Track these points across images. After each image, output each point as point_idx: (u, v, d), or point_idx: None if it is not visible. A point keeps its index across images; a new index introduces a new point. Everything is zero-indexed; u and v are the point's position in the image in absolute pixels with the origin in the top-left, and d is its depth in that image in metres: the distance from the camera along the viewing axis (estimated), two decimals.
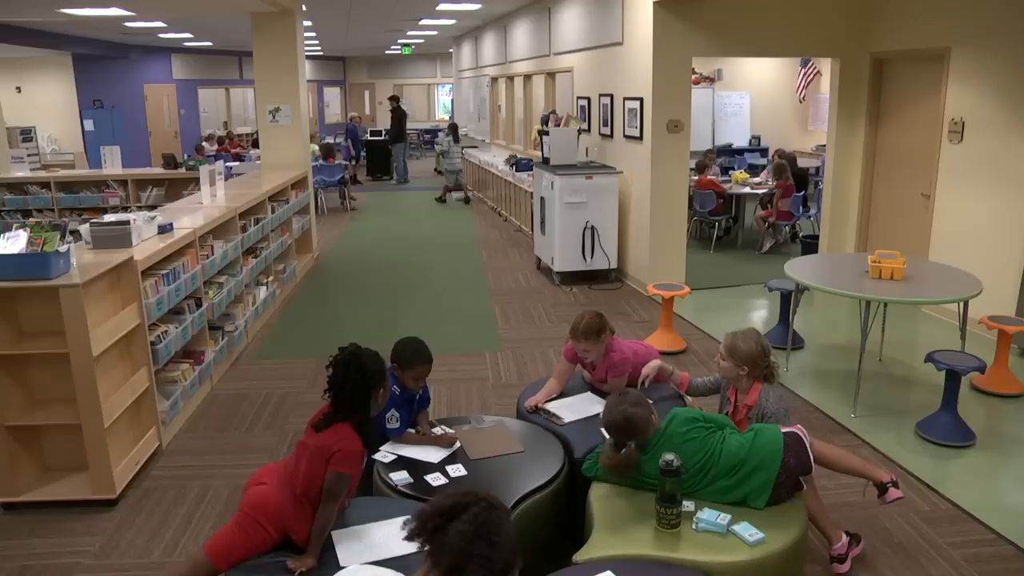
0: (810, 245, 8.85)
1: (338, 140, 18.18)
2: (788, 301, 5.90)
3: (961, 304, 4.90)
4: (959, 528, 3.62)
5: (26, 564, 3.46)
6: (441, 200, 14.57)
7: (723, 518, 2.72)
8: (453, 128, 15.09)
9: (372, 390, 2.75)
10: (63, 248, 3.76)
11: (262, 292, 6.95)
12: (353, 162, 17.71)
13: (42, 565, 3.45)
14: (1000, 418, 4.81)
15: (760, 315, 7.10)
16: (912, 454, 4.32)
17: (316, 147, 15.12)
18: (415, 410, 3.59)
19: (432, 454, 3.31)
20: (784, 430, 2.94)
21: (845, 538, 3.28)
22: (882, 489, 3.15)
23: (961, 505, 3.80)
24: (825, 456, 3.03)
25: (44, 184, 9.70)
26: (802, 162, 11.13)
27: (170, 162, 10.16)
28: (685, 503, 2.79)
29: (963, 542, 3.51)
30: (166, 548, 3.57)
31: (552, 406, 3.77)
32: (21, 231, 3.80)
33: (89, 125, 17.72)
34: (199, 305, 5.19)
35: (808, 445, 2.94)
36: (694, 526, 2.73)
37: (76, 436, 3.85)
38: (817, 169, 11.45)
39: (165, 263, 4.71)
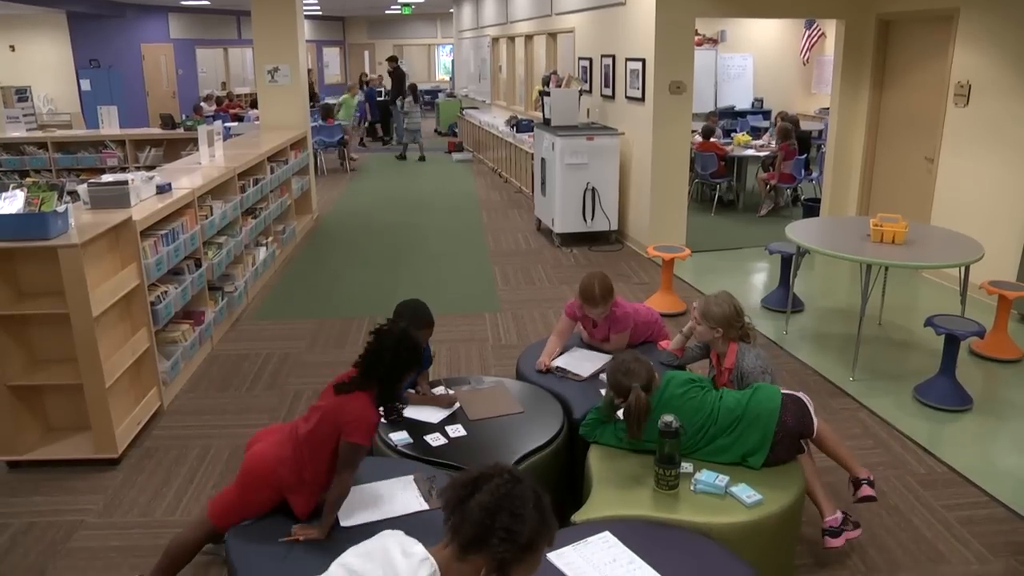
0: (811, 208, 8.81)
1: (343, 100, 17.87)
2: (788, 264, 5.89)
3: (962, 269, 4.90)
4: (954, 491, 3.65)
5: (32, 521, 3.50)
6: (401, 158, 15.07)
7: (721, 480, 2.74)
8: (413, 88, 15.40)
9: (407, 371, 2.71)
10: (61, 208, 3.74)
11: (262, 253, 6.94)
12: (378, 125, 17.38)
13: (47, 522, 3.49)
14: (998, 383, 4.83)
15: (760, 278, 7.10)
16: (909, 418, 4.35)
17: (354, 99, 15.05)
18: (416, 371, 3.60)
19: (432, 414, 3.32)
20: (785, 391, 2.95)
21: (839, 513, 3.30)
22: (856, 484, 3.13)
23: (956, 468, 3.83)
24: (821, 432, 3.02)
25: (41, 145, 9.63)
26: (805, 125, 11.04)
27: (168, 122, 10.07)
28: (684, 464, 2.81)
29: (957, 504, 3.55)
30: (168, 507, 3.61)
31: (565, 364, 3.78)
32: (18, 191, 3.77)
33: (86, 85, 17.53)
34: (198, 266, 5.18)
35: (811, 410, 2.95)
36: (692, 487, 2.75)
37: (78, 396, 3.87)
38: (820, 132, 11.36)
39: (164, 223, 4.69)
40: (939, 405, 4.44)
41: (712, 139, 10.13)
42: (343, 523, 2.57)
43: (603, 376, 3.58)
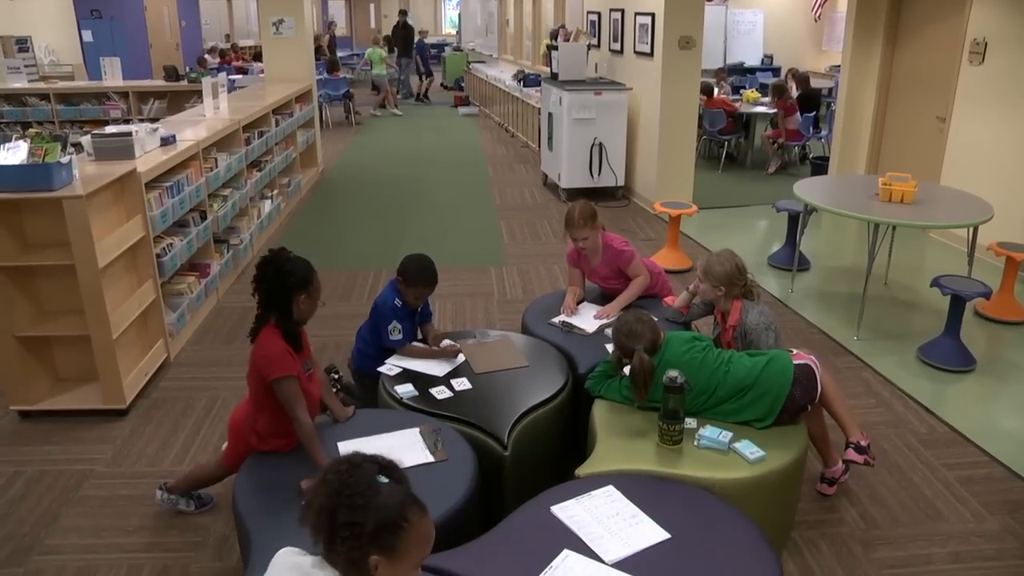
0: (820, 167, 8.75)
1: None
2: (796, 222, 5.86)
3: (970, 229, 4.87)
4: (954, 450, 3.68)
5: (44, 469, 3.56)
6: (382, 107, 15.19)
7: (725, 436, 2.76)
8: (388, 40, 15.84)
9: (292, 293, 2.70)
10: (65, 159, 3.72)
11: (267, 206, 6.92)
12: (427, 79, 17.09)
13: (58, 471, 3.54)
14: (1001, 344, 4.83)
15: (767, 236, 7.07)
16: (912, 377, 4.36)
17: (382, 51, 14.83)
18: (416, 323, 3.61)
19: (437, 367, 3.34)
20: (797, 361, 2.93)
21: (842, 465, 3.34)
22: (847, 444, 3.12)
23: (957, 428, 3.85)
24: (826, 391, 3.02)
25: (43, 96, 9.55)
26: (815, 83, 10.90)
27: (172, 74, 9.97)
28: (687, 420, 2.82)
29: (957, 464, 3.58)
30: (176, 457, 3.65)
31: (573, 320, 3.80)
32: (21, 142, 3.75)
33: (88, 36, 17.29)
34: (204, 218, 5.17)
35: (819, 378, 2.95)
36: (696, 443, 2.77)
37: (86, 347, 3.89)
38: (830, 90, 11.23)
39: (169, 175, 4.67)
40: (942, 365, 4.45)
41: (719, 95, 10.01)
42: None
43: (608, 332, 3.59)
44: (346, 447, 2.73)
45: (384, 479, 1.48)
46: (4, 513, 3.26)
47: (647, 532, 2.30)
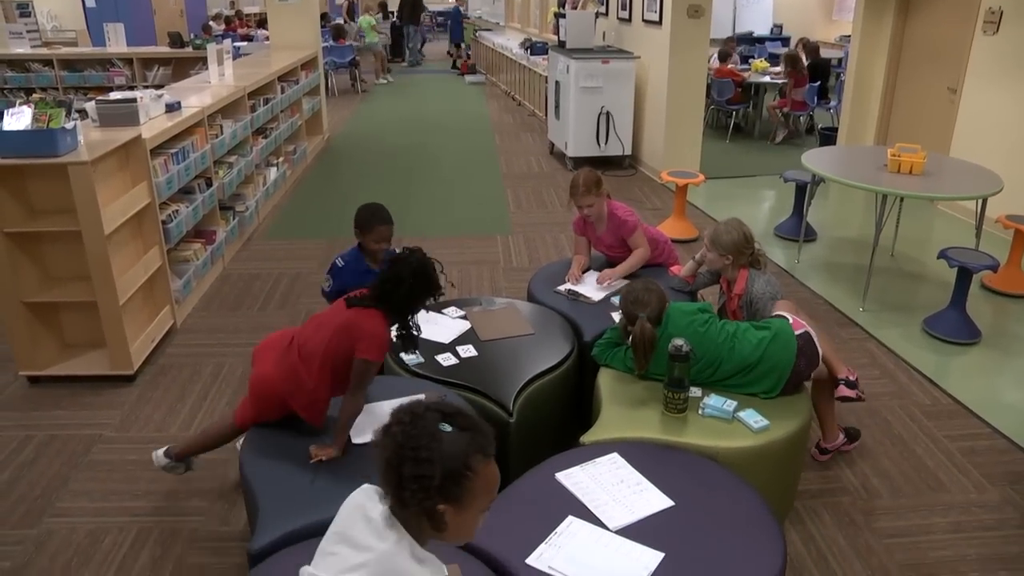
0: (828, 137, 8.68)
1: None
2: (803, 192, 5.83)
3: (979, 201, 4.84)
4: (957, 422, 3.69)
5: (53, 434, 3.59)
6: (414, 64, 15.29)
7: (729, 404, 2.76)
8: (381, 7, 16.03)
9: (422, 300, 2.69)
10: (69, 125, 3.70)
11: (272, 173, 6.90)
12: (458, 48, 16.85)
13: (67, 435, 3.58)
14: (1007, 318, 4.82)
15: (774, 206, 7.04)
16: (917, 349, 4.36)
17: (372, 19, 14.78)
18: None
19: (443, 334, 3.34)
20: (797, 331, 2.93)
21: (842, 438, 3.36)
22: (835, 383, 3.15)
23: (961, 400, 3.86)
24: (821, 347, 3.04)
25: (46, 62, 9.48)
26: (825, 53, 10.79)
27: (176, 41, 9.88)
28: (692, 389, 2.83)
29: (960, 435, 3.59)
30: (183, 423, 3.68)
31: (579, 288, 3.80)
32: (25, 107, 3.73)
33: (90, 2, 17.14)
34: (209, 185, 5.16)
35: (817, 342, 2.95)
36: (700, 412, 2.78)
37: (93, 313, 3.91)
38: (840, 60, 11.10)
39: (174, 142, 4.65)
40: (947, 338, 4.44)
41: (729, 64, 9.92)
42: (355, 440, 2.61)
43: (615, 300, 3.59)
44: None
45: (448, 427, 1.47)
46: (16, 476, 3.30)
47: (651, 499, 2.32)
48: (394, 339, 2.74)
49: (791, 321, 2.98)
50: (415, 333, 2.74)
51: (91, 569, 2.79)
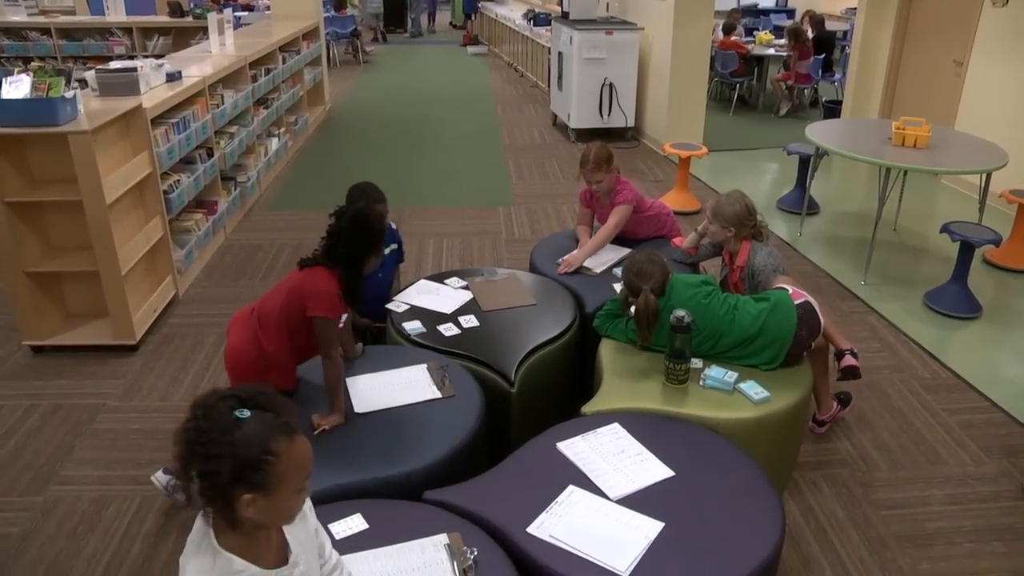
0: (832, 110, 8.63)
1: None
2: (806, 165, 5.81)
3: (983, 176, 4.82)
4: (956, 396, 3.71)
5: (58, 403, 3.62)
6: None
7: (730, 376, 2.77)
8: None
9: (368, 251, 2.67)
10: (69, 94, 3.68)
11: (274, 143, 6.88)
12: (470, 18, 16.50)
13: (71, 404, 3.60)
14: (1008, 292, 4.82)
15: (777, 179, 7.02)
16: (918, 323, 4.37)
17: None
18: (392, 265, 3.61)
19: (445, 304, 3.35)
20: (797, 301, 2.93)
21: (836, 407, 3.39)
22: (840, 356, 3.22)
23: (960, 374, 3.87)
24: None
25: (44, 30, 9.40)
26: (830, 25, 10.68)
27: (176, 10, 9.78)
28: (693, 360, 2.84)
29: (959, 409, 3.61)
30: (186, 393, 3.70)
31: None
32: (24, 76, 3.70)
33: None
34: (210, 155, 5.15)
35: (818, 312, 2.96)
36: (701, 383, 2.79)
37: (95, 283, 3.91)
38: (845, 33, 11.00)
39: (175, 112, 4.63)
40: (948, 312, 4.45)
41: (733, 36, 9.83)
42: (358, 410, 2.63)
43: (617, 271, 3.59)
44: (354, 383, 2.77)
45: (245, 413, 1.39)
46: (22, 444, 3.33)
47: (651, 469, 2.34)
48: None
49: (791, 292, 2.98)
50: (359, 288, 2.71)
51: (96, 536, 2.82)
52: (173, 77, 4.83)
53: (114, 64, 4.57)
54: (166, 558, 2.72)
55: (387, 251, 3.56)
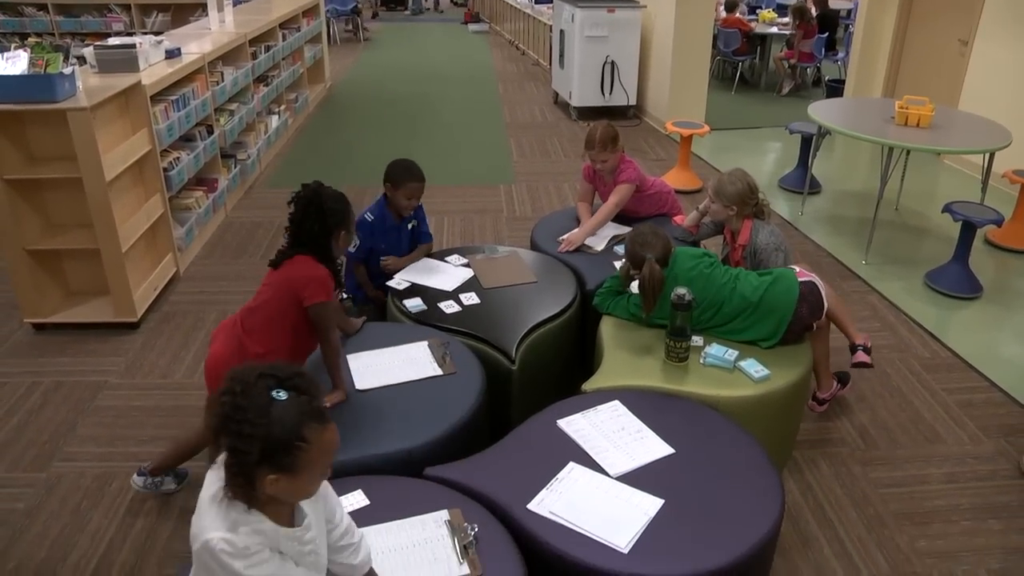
0: (835, 89, 8.59)
1: None
2: (808, 144, 5.79)
3: (986, 156, 4.80)
4: (956, 375, 3.71)
5: (60, 380, 3.63)
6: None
7: (730, 354, 2.78)
8: None
9: (334, 229, 2.62)
10: (67, 70, 3.66)
11: (274, 121, 6.85)
12: None
13: (73, 382, 3.61)
14: (1009, 273, 4.82)
15: (779, 158, 6.99)
16: (918, 302, 4.37)
17: None
18: (408, 240, 3.60)
19: (446, 282, 3.35)
20: (802, 279, 2.94)
21: (836, 386, 3.39)
22: (853, 350, 3.23)
23: (960, 354, 3.88)
24: (830, 304, 3.06)
25: (41, 6, 9.32)
26: (834, 3, 10.59)
27: None
28: (694, 338, 2.84)
29: (958, 388, 3.61)
30: (187, 370, 3.71)
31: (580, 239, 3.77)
32: (21, 51, 3.67)
33: None
34: (210, 132, 5.13)
35: (824, 295, 2.96)
36: (702, 360, 2.79)
37: (96, 261, 3.91)
38: (849, 12, 10.91)
39: (174, 89, 4.60)
40: (949, 292, 4.45)
41: (736, 14, 9.76)
42: (359, 386, 2.63)
43: (617, 248, 3.59)
44: (355, 360, 2.77)
45: (282, 394, 1.39)
46: (25, 421, 3.34)
47: (651, 447, 2.35)
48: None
49: (797, 271, 2.98)
50: (337, 269, 2.70)
51: (100, 511, 2.84)
52: (172, 54, 4.80)
53: (112, 41, 4.54)
54: (169, 534, 2.74)
55: (408, 226, 3.58)
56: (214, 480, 1.49)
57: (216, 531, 1.42)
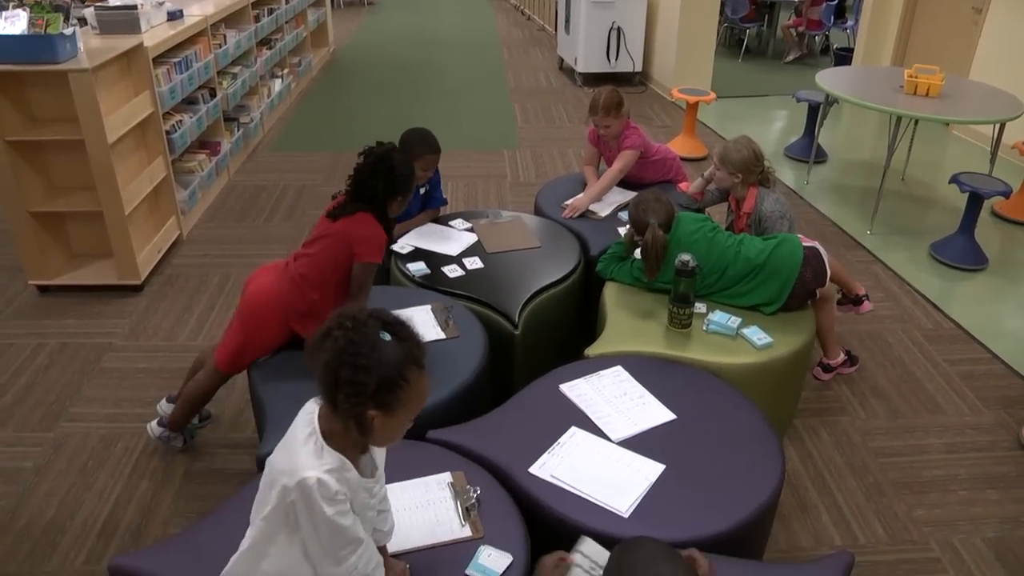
0: (843, 58, 8.49)
1: None
2: (815, 113, 5.74)
3: (996, 126, 4.75)
4: (958, 347, 3.71)
5: (65, 342, 3.64)
6: None
7: (733, 321, 2.78)
8: None
9: (397, 192, 2.64)
10: (68, 31, 3.62)
11: (277, 84, 6.80)
12: None
13: (78, 344, 3.63)
14: (1016, 245, 4.80)
15: (785, 126, 6.94)
16: (922, 273, 4.36)
17: None
18: (418, 206, 3.59)
19: (450, 246, 3.35)
20: (806, 244, 2.93)
21: (843, 356, 3.40)
22: (857, 301, 3.29)
23: (963, 325, 3.88)
24: (833, 269, 3.06)
25: None
26: None
27: None
28: (697, 305, 2.84)
29: (960, 360, 3.62)
30: (191, 332, 3.72)
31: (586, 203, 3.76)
32: (20, 11, 3.63)
33: None
34: (213, 95, 5.09)
35: (827, 262, 2.95)
36: (705, 327, 2.79)
37: (99, 223, 3.91)
38: None
39: (177, 51, 4.57)
40: (954, 263, 4.43)
41: None
42: None
43: (622, 215, 3.57)
44: None
45: (388, 336, 1.47)
46: (32, 382, 3.36)
47: (653, 412, 2.36)
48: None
49: (801, 237, 2.98)
50: (390, 231, 2.71)
51: (106, 471, 2.87)
52: (174, 16, 4.75)
53: (113, 2, 4.49)
54: (173, 493, 2.77)
55: (420, 191, 3.57)
56: (306, 421, 1.53)
57: (313, 470, 1.46)
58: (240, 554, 1.63)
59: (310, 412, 1.54)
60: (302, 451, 1.49)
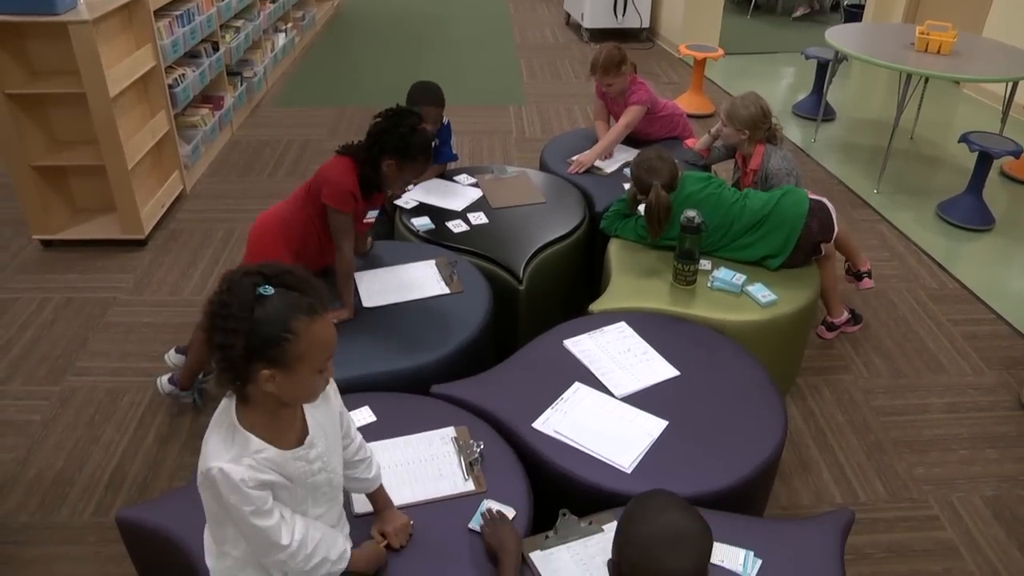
0: (853, 14, 8.35)
1: None
2: (824, 70, 5.66)
3: (1009, 85, 4.69)
4: (962, 307, 3.71)
5: (70, 297, 3.65)
6: None
7: (738, 278, 2.77)
8: None
9: (392, 154, 2.55)
10: None
11: (281, 39, 6.71)
12: None
13: (83, 298, 3.64)
14: (1023, 206, 4.76)
15: (793, 84, 6.85)
16: (928, 233, 4.34)
17: None
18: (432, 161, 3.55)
19: (455, 201, 3.33)
20: (812, 197, 2.92)
21: (846, 315, 3.40)
22: (859, 276, 3.34)
23: (967, 286, 3.87)
24: (841, 228, 3.05)
25: None
26: None
27: None
28: (702, 262, 2.83)
29: (963, 320, 3.61)
30: (195, 287, 3.73)
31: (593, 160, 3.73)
32: None
33: None
34: (216, 49, 5.03)
35: (834, 217, 2.94)
36: (709, 284, 2.79)
37: (102, 178, 3.89)
38: None
39: (178, 4, 4.50)
40: (960, 223, 4.41)
41: None
42: (366, 304, 2.65)
43: (627, 171, 3.55)
44: (362, 277, 2.78)
45: (268, 290, 1.38)
46: (38, 336, 3.38)
47: (657, 368, 2.36)
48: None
49: (808, 192, 2.97)
50: (374, 189, 2.66)
51: (112, 425, 2.90)
52: None
53: None
54: (179, 447, 2.80)
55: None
56: (225, 403, 1.49)
57: (216, 460, 1.41)
58: (209, 552, 1.62)
59: (229, 396, 1.48)
60: (211, 439, 1.45)
